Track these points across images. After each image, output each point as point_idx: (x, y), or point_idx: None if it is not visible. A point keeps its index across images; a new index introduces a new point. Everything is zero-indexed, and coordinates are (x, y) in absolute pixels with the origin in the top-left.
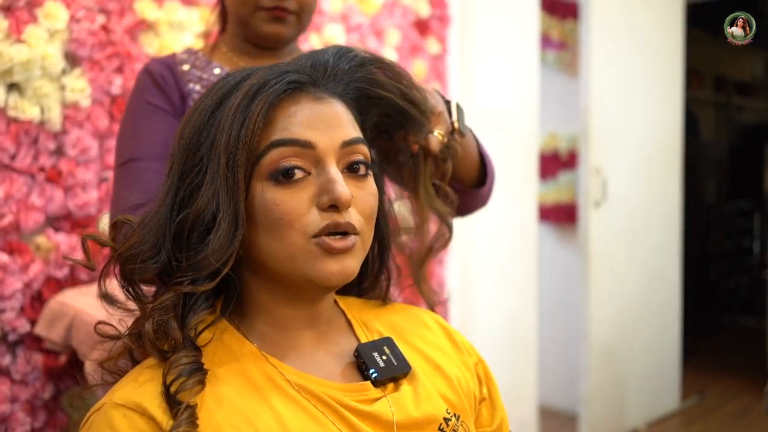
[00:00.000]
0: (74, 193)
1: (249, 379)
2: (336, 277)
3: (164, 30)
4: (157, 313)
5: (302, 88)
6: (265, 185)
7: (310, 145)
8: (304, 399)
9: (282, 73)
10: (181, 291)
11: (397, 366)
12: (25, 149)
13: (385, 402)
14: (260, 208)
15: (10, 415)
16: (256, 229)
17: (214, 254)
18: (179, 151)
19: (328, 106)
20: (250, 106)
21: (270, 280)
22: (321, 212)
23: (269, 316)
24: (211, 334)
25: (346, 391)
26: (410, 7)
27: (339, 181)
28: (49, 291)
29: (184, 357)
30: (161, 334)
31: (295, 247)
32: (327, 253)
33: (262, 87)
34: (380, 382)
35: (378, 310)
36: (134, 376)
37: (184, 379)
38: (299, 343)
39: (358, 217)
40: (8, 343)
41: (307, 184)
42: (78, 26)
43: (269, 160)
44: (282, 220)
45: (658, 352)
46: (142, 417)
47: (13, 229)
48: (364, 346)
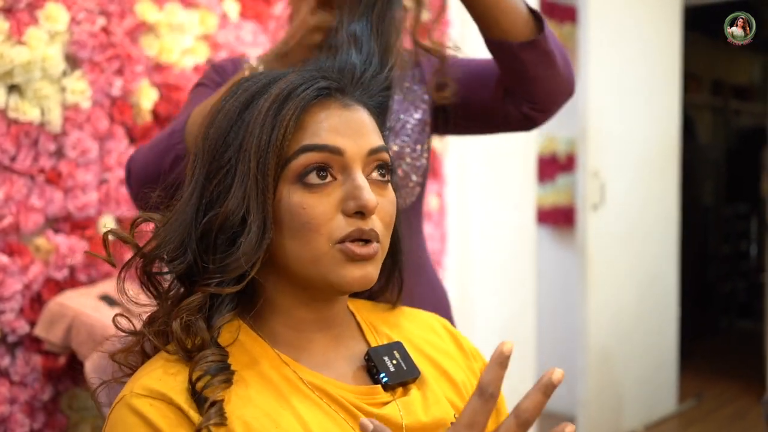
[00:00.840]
0: (74, 195)
1: (267, 379)
2: (357, 282)
3: (165, 32)
4: (185, 313)
5: (331, 95)
6: (292, 189)
7: (339, 151)
8: (318, 398)
9: (312, 78)
10: (208, 292)
11: (407, 371)
12: (26, 151)
13: (394, 406)
14: (286, 211)
15: (9, 416)
16: (281, 232)
17: (244, 257)
18: (204, 151)
19: (355, 113)
20: (281, 110)
21: (289, 282)
22: (346, 218)
23: (285, 317)
24: (233, 335)
25: (357, 393)
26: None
27: (366, 187)
28: (48, 292)
29: (211, 355)
30: (188, 333)
31: (320, 252)
32: (350, 259)
33: (292, 92)
34: (390, 387)
35: (387, 314)
36: (152, 368)
37: (210, 377)
38: (312, 345)
39: (380, 224)
40: (7, 344)
41: (334, 189)
42: (78, 28)
43: (298, 164)
44: (309, 224)
45: (655, 354)
46: (169, 406)
47: (12, 230)
48: (374, 350)
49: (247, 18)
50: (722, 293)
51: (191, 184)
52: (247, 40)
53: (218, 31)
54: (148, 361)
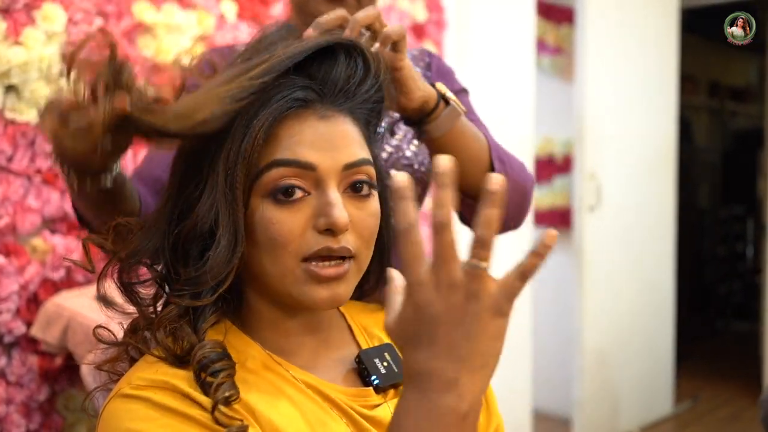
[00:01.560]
0: None
1: (260, 375)
2: (325, 303)
3: (162, 33)
4: (168, 322)
5: (308, 106)
6: (264, 203)
7: (311, 166)
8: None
9: (289, 86)
10: (180, 304)
11: (398, 372)
12: (22, 151)
13: (386, 408)
14: (258, 225)
15: (5, 417)
16: (254, 246)
17: (212, 271)
18: (180, 159)
19: (334, 125)
20: (252, 120)
21: (267, 293)
22: (317, 234)
23: (270, 324)
24: (220, 335)
25: (349, 395)
26: (407, 11)
27: (338, 204)
28: (45, 293)
29: (208, 344)
30: (175, 339)
31: (286, 269)
32: (315, 280)
33: (266, 102)
34: (381, 389)
35: (377, 315)
36: (143, 366)
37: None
38: (301, 349)
39: (356, 239)
40: (4, 344)
41: (306, 204)
42: (76, 29)
43: (269, 178)
44: (277, 240)
45: (651, 356)
46: (174, 393)
47: (9, 230)
48: (365, 352)
49: (244, 19)
50: (719, 295)
51: (167, 192)
52: (245, 40)
53: (215, 31)
54: (138, 362)
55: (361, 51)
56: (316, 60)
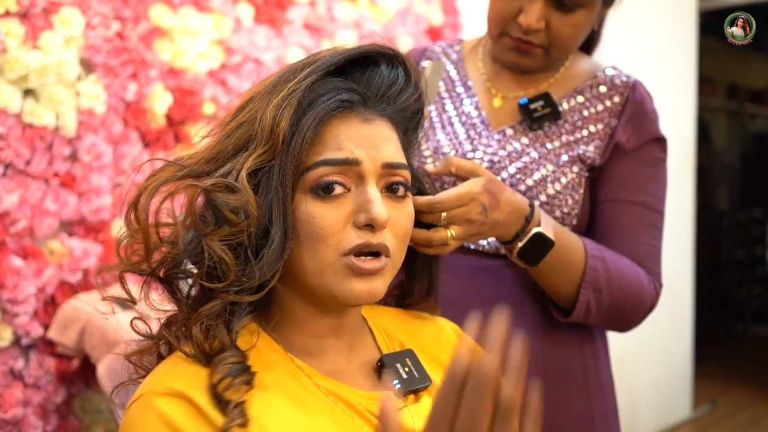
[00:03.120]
0: (88, 199)
1: (283, 385)
2: (363, 297)
3: (179, 37)
4: (205, 318)
5: (352, 108)
6: (306, 198)
7: (355, 161)
8: (333, 404)
9: (335, 89)
10: (228, 299)
11: (419, 378)
12: (40, 155)
13: (407, 412)
14: (299, 220)
15: (22, 418)
16: (295, 240)
17: (266, 267)
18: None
19: (376, 128)
20: (300, 120)
21: (301, 290)
22: (356, 230)
23: (299, 324)
24: (252, 339)
25: (370, 399)
26: (422, 14)
27: (377, 201)
28: (62, 295)
29: (231, 357)
30: (208, 337)
31: (325, 263)
32: (355, 273)
33: (313, 102)
34: (402, 394)
35: (399, 319)
36: (168, 367)
37: (232, 379)
38: (325, 352)
39: (392, 238)
40: (21, 347)
41: (346, 200)
42: (93, 33)
43: (314, 176)
44: (317, 233)
45: (669, 360)
46: (189, 405)
47: (27, 233)
48: (387, 357)
49: (261, 22)
50: (737, 298)
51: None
52: (261, 44)
53: (232, 35)
54: (165, 360)
55: (402, 61)
56: (359, 67)
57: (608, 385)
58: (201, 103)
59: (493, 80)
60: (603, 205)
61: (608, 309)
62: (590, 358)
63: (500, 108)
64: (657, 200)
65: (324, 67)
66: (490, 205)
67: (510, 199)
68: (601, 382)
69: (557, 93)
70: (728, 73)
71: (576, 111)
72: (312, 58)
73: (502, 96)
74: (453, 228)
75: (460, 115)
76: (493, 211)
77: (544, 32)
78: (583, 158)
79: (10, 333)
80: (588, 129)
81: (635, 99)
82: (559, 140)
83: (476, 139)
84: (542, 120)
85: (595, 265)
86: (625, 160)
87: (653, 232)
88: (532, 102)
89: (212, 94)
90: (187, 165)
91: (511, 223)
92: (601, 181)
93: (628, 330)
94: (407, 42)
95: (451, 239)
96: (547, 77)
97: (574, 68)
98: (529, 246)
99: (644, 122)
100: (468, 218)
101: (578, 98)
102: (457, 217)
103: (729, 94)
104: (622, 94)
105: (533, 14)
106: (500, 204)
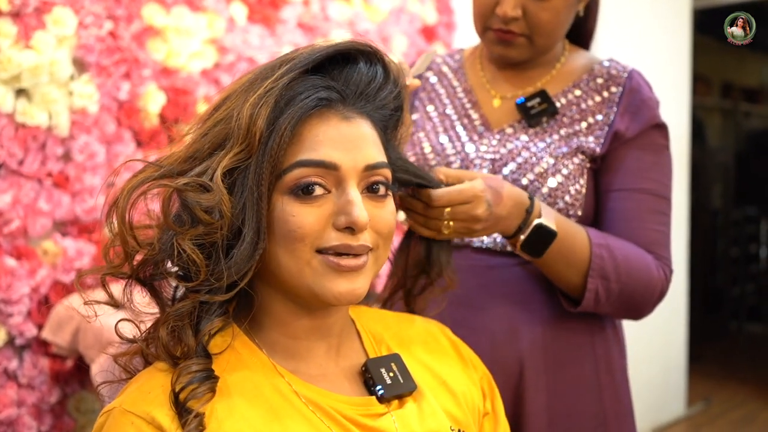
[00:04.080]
0: (81, 199)
1: (259, 391)
2: (345, 297)
3: (172, 36)
4: (173, 319)
5: (331, 106)
6: (285, 199)
7: (335, 166)
8: (311, 413)
9: (313, 87)
10: (198, 299)
11: (404, 384)
12: (33, 154)
13: (389, 418)
14: (277, 219)
15: (16, 418)
16: (272, 241)
17: (235, 266)
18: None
19: (355, 127)
20: (277, 119)
21: (283, 291)
22: (336, 232)
23: (282, 325)
24: (226, 341)
25: (352, 405)
26: (417, 13)
27: (358, 203)
28: (56, 295)
29: (195, 364)
30: (175, 340)
31: (302, 261)
32: (334, 271)
33: (291, 100)
34: (386, 399)
35: (388, 321)
36: (144, 380)
37: (195, 387)
38: (310, 354)
39: (374, 235)
40: (15, 347)
41: (326, 201)
42: (86, 32)
43: (292, 177)
44: (295, 232)
45: (664, 358)
46: (149, 425)
47: (20, 233)
48: (372, 361)
49: (255, 22)
50: (731, 296)
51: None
52: (255, 43)
53: (225, 34)
54: (148, 368)
55: (381, 58)
56: (337, 65)
57: (622, 381)
58: (194, 102)
59: (492, 82)
60: (609, 195)
61: (618, 296)
62: (602, 354)
63: (500, 108)
64: (662, 186)
65: (302, 65)
66: (494, 201)
67: (510, 193)
68: (614, 378)
69: (554, 89)
70: (722, 71)
71: (573, 104)
72: (289, 56)
73: (501, 96)
74: (455, 224)
75: (461, 118)
76: (496, 206)
77: (523, 20)
78: (583, 149)
79: (3, 333)
80: (587, 121)
81: (632, 87)
82: (557, 134)
83: (477, 140)
84: (540, 116)
85: (600, 253)
86: (627, 148)
87: (660, 218)
88: (528, 100)
89: (206, 93)
90: (165, 165)
91: (513, 216)
92: (605, 171)
93: (640, 317)
94: (402, 41)
95: (445, 228)
96: (543, 74)
97: (570, 63)
98: (531, 238)
99: (642, 109)
100: (473, 215)
101: (575, 92)
102: (461, 213)
103: (723, 92)
104: (618, 84)
105: (508, 3)
106: (503, 199)
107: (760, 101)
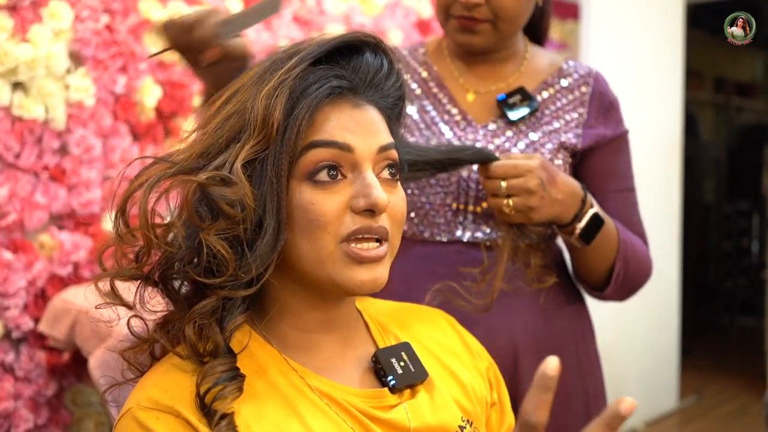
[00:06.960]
0: (78, 192)
1: (275, 387)
2: (367, 286)
3: None
4: (198, 317)
5: (342, 94)
6: (302, 186)
7: (349, 148)
8: (326, 405)
9: (324, 77)
10: (221, 296)
11: (415, 373)
12: (30, 148)
13: (401, 409)
14: (296, 208)
15: (13, 411)
16: (291, 231)
17: (260, 259)
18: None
19: (366, 113)
20: (293, 110)
21: (298, 282)
22: (355, 216)
23: (293, 318)
24: (243, 340)
25: (364, 397)
26: (412, 7)
27: (377, 185)
28: (52, 289)
29: (220, 365)
30: (201, 337)
31: (325, 251)
32: (356, 261)
33: (304, 90)
34: (397, 389)
35: (394, 311)
36: (158, 378)
37: (222, 387)
38: (320, 347)
39: (390, 223)
40: (12, 340)
41: (343, 186)
42: (82, 26)
43: (307, 161)
44: (317, 221)
45: (656, 351)
46: (177, 419)
47: (17, 227)
48: (382, 351)
49: None
50: (723, 290)
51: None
52: (250, 37)
53: None
54: (155, 366)
55: (385, 49)
56: (344, 55)
57: (596, 361)
58: (191, 96)
59: (465, 76)
60: (606, 197)
61: (629, 277)
62: (581, 336)
63: (474, 103)
64: (632, 180)
65: (312, 55)
66: (548, 181)
67: (565, 180)
68: (590, 359)
69: (528, 86)
70: (715, 66)
71: (550, 102)
72: (295, 48)
73: (474, 90)
74: (513, 199)
75: (441, 114)
76: (551, 187)
77: (486, 6)
78: (565, 146)
79: (0, 326)
80: (564, 118)
81: (600, 90)
82: (540, 131)
83: (463, 136)
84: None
85: (624, 238)
86: (606, 154)
87: (637, 208)
88: (509, 96)
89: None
90: (178, 161)
91: (569, 204)
92: (588, 176)
93: (629, 297)
94: (397, 35)
95: (506, 207)
96: (513, 71)
97: (535, 61)
98: (590, 226)
99: (611, 111)
100: (527, 188)
101: (549, 90)
102: (515, 187)
103: (716, 87)
104: (587, 84)
105: None
106: (557, 183)
107: (753, 96)
